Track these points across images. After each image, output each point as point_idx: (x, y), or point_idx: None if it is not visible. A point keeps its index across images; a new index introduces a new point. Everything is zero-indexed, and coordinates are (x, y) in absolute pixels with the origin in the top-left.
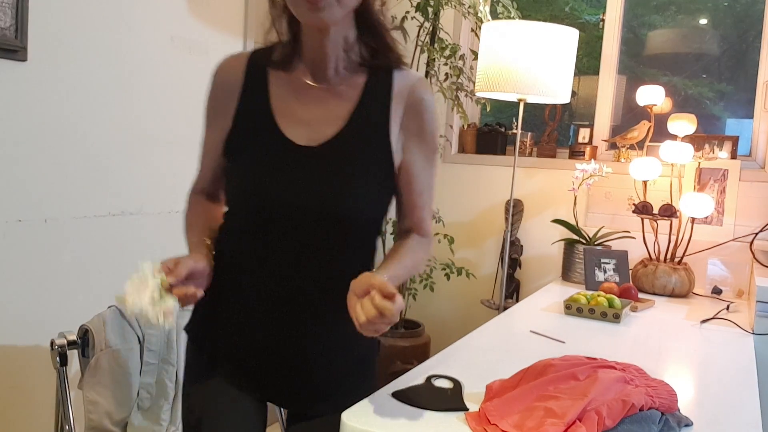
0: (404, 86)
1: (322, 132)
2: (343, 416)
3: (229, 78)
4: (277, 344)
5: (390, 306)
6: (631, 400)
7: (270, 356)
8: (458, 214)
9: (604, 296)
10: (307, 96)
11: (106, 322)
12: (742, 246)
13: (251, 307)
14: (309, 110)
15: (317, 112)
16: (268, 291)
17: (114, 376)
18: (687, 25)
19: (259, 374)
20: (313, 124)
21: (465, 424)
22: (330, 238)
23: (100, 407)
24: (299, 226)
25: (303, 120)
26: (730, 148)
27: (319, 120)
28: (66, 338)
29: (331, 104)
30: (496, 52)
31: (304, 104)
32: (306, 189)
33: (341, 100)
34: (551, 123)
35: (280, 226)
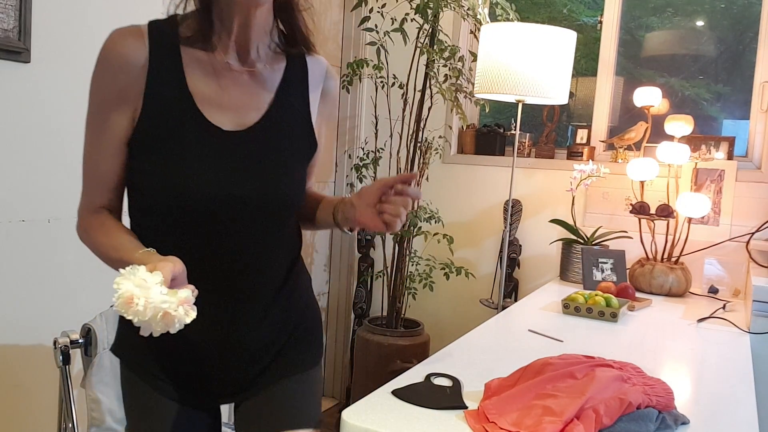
0: (318, 72)
1: (247, 117)
2: (344, 415)
3: (129, 54)
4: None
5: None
6: (628, 399)
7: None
8: (457, 214)
9: (602, 296)
10: (228, 78)
11: (109, 320)
12: (739, 246)
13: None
14: (231, 94)
15: (240, 95)
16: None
17: (116, 375)
18: (684, 26)
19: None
20: (238, 108)
21: (464, 422)
22: (266, 224)
23: (102, 405)
24: (235, 215)
25: (226, 104)
26: (727, 149)
27: (243, 104)
28: (69, 337)
29: (253, 88)
30: (495, 53)
31: (226, 88)
32: (240, 176)
33: (264, 84)
34: (549, 124)
35: (212, 217)
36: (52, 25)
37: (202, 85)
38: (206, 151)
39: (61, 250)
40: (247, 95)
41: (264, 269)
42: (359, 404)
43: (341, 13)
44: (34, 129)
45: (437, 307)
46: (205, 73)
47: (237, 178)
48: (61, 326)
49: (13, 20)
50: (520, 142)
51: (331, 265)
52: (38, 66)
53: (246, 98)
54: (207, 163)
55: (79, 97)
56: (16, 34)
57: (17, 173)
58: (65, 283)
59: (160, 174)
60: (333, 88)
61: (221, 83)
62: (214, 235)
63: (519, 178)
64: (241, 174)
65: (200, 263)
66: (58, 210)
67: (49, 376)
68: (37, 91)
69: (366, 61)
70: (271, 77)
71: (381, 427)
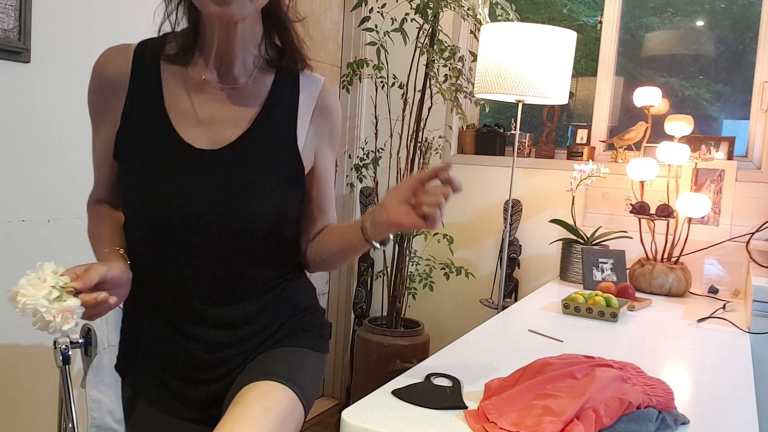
0: (312, 90)
1: (224, 134)
2: (344, 415)
3: (113, 72)
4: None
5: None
6: (628, 399)
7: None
8: (457, 214)
9: (602, 296)
10: (207, 95)
11: (109, 321)
12: (739, 246)
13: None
14: (209, 110)
15: (219, 112)
16: (182, 302)
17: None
18: (684, 26)
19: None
20: (214, 125)
21: (464, 422)
22: (236, 247)
23: (102, 406)
24: (201, 235)
25: (202, 121)
26: (727, 149)
27: (220, 121)
28: (69, 337)
29: (235, 105)
30: (495, 53)
31: (204, 104)
32: (206, 195)
33: (246, 101)
34: (549, 124)
35: (180, 235)
36: (52, 25)
37: (177, 101)
38: (174, 167)
39: (61, 250)
40: (225, 112)
41: (239, 295)
42: (359, 404)
43: (341, 13)
44: (34, 129)
45: (437, 307)
46: (184, 90)
47: (201, 194)
48: None
49: (13, 20)
50: (520, 142)
51: None
52: (38, 66)
53: (225, 115)
54: (172, 177)
55: (79, 97)
56: (15, 34)
57: (17, 173)
58: None
59: (128, 185)
60: (330, 107)
61: (199, 100)
62: (184, 252)
63: (519, 178)
64: (207, 191)
65: (171, 277)
66: (58, 210)
67: (49, 376)
68: (37, 91)
69: (366, 61)
70: (256, 93)
71: (381, 427)
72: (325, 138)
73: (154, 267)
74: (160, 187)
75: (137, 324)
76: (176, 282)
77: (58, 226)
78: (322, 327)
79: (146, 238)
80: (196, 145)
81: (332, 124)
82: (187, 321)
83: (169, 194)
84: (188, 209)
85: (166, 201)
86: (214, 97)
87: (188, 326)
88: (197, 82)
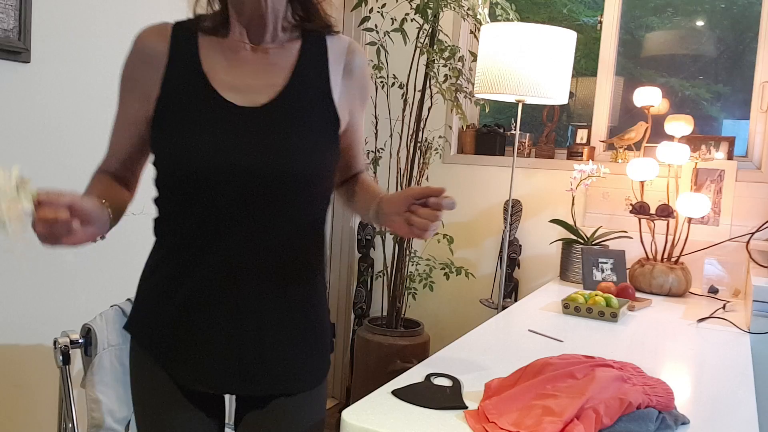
0: (340, 49)
1: (262, 94)
2: (344, 415)
3: (152, 45)
4: (230, 324)
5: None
6: (628, 399)
7: (224, 338)
8: (457, 214)
9: (602, 295)
10: (242, 60)
11: (109, 321)
12: (739, 246)
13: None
14: (246, 74)
15: (255, 75)
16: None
17: (116, 375)
18: (684, 26)
19: (212, 363)
20: (252, 87)
21: (464, 422)
22: (281, 202)
23: (102, 406)
24: (248, 191)
25: (240, 84)
26: (727, 149)
27: (257, 84)
28: (69, 337)
29: (269, 68)
30: (495, 53)
31: (240, 68)
32: (247, 149)
33: (279, 64)
34: (549, 124)
35: (227, 193)
36: (52, 25)
37: (217, 68)
38: (218, 125)
39: (61, 250)
40: (261, 75)
41: (283, 254)
42: (359, 404)
43: (341, 13)
44: (34, 129)
45: (437, 307)
46: (221, 57)
47: (245, 149)
48: (61, 326)
49: (13, 20)
50: (520, 142)
51: (331, 265)
52: (38, 66)
53: (261, 77)
54: (216, 134)
55: (79, 96)
56: (15, 34)
57: None
58: (65, 283)
59: (173, 146)
60: (358, 64)
61: (236, 65)
62: (228, 215)
63: (519, 178)
64: (248, 146)
65: (216, 239)
66: None
67: (49, 376)
68: (37, 91)
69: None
70: (287, 56)
71: (381, 427)
72: (356, 95)
73: (191, 229)
74: (202, 142)
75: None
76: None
77: None
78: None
79: (185, 199)
80: (237, 104)
81: (361, 81)
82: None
83: (211, 149)
84: (230, 163)
85: (208, 156)
86: (249, 61)
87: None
88: (232, 49)
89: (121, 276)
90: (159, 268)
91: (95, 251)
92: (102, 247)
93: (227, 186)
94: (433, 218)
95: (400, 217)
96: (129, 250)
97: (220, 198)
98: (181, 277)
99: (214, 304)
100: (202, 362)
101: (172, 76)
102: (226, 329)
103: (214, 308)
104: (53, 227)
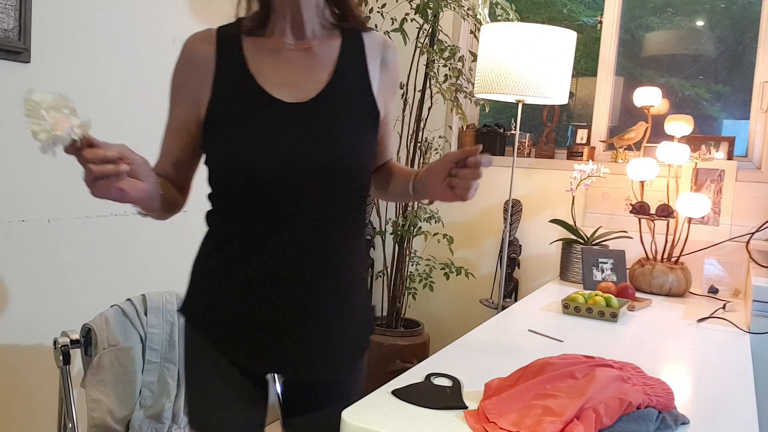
0: (375, 45)
1: (307, 90)
2: (344, 414)
3: (200, 51)
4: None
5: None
6: (628, 399)
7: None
8: (457, 214)
9: (602, 295)
10: (285, 58)
11: (109, 321)
12: (739, 246)
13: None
14: (291, 71)
15: (299, 72)
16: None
17: (116, 375)
18: (684, 26)
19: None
20: (297, 83)
21: (464, 422)
22: (330, 191)
23: (102, 405)
24: (300, 183)
25: (286, 81)
26: (727, 149)
27: (301, 79)
28: (69, 337)
29: (311, 64)
30: (495, 53)
31: (284, 65)
32: (301, 142)
33: (320, 59)
34: (549, 124)
35: (280, 186)
36: (52, 25)
37: (262, 66)
38: (268, 121)
39: (61, 250)
40: (305, 71)
41: (333, 241)
42: (359, 404)
43: None
44: None
45: (437, 307)
46: (265, 55)
47: (295, 143)
48: (61, 326)
49: (13, 20)
50: (520, 142)
51: None
52: (38, 66)
53: (305, 74)
54: (267, 131)
55: (79, 96)
56: (15, 34)
57: (17, 173)
58: (65, 283)
59: (227, 146)
60: (392, 59)
61: (280, 62)
62: (282, 206)
63: (519, 178)
64: (302, 142)
65: (273, 236)
66: (58, 210)
67: (49, 376)
68: None
69: None
70: (328, 53)
71: (381, 427)
72: (389, 88)
73: (247, 221)
74: (254, 139)
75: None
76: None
77: (58, 226)
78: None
79: (240, 194)
80: (285, 100)
81: (394, 75)
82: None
83: (264, 145)
84: (282, 157)
85: (261, 151)
86: (292, 59)
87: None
88: (276, 48)
89: (121, 276)
90: (214, 255)
91: (95, 251)
92: (102, 247)
93: (280, 179)
94: (474, 176)
95: (442, 183)
96: (129, 250)
97: (274, 191)
98: (236, 265)
99: (269, 290)
100: (253, 342)
101: (221, 79)
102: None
103: (268, 294)
104: (102, 167)
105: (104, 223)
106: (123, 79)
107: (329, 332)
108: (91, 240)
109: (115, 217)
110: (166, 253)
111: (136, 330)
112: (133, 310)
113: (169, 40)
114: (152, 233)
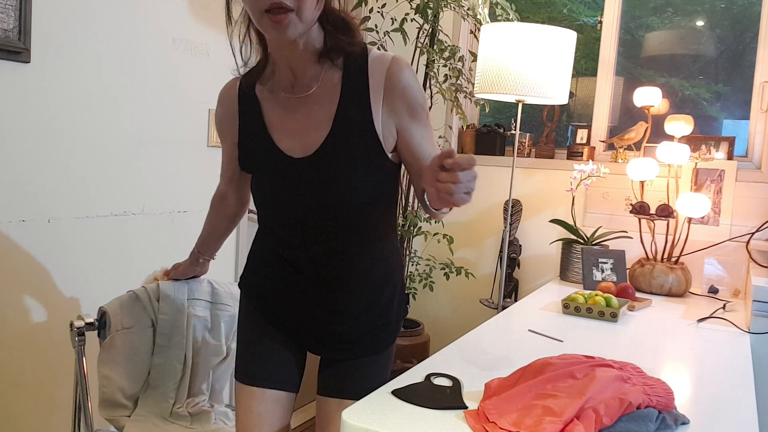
0: (379, 72)
1: (312, 139)
2: (343, 415)
3: (227, 103)
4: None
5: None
6: (628, 399)
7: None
8: (457, 214)
9: (602, 296)
10: (290, 107)
11: (123, 305)
12: (739, 246)
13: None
14: (296, 119)
15: (303, 119)
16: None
17: (127, 355)
18: (684, 26)
19: (296, 328)
20: (303, 132)
21: (464, 422)
22: (340, 224)
23: (113, 383)
24: (315, 219)
25: (293, 130)
26: (727, 149)
27: (306, 127)
28: (84, 320)
29: (314, 110)
30: (495, 53)
31: (290, 115)
32: (312, 190)
33: (322, 104)
34: (549, 124)
35: (294, 221)
36: (52, 25)
37: (274, 118)
38: (278, 173)
39: (61, 250)
40: (308, 119)
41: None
42: (359, 404)
43: None
44: (34, 129)
45: (437, 307)
46: (274, 104)
47: (308, 191)
48: (61, 326)
49: (13, 20)
50: (520, 142)
51: None
52: (38, 66)
53: (308, 121)
54: (277, 181)
55: (78, 97)
56: (15, 34)
57: (17, 173)
58: (65, 283)
59: (254, 185)
60: (398, 83)
61: (286, 113)
62: (304, 231)
63: (519, 178)
64: (311, 188)
65: (299, 249)
66: (58, 210)
67: (49, 376)
68: (37, 91)
69: None
70: (329, 94)
71: (381, 427)
72: (403, 113)
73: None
74: (266, 186)
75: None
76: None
77: (58, 226)
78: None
79: (270, 216)
80: (294, 155)
81: (406, 98)
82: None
83: (275, 192)
84: (290, 202)
85: (272, 196)
86: (295, 107)
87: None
88: (281, 98)
89: (122, 276)
90: (260, 246)
91: (95, 251)
92: (102, 248)
93: (296, 215)
94: (452, 180)
95: (431, 189)
96: (128, 251)
97: (294, 222)
98: (274, 258)
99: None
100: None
101: (243, 128)
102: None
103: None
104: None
105: (104, 223)
106: (123, 79)
107: (349, 327)
108: (91, 240)
109: (115, 217)
110: (166, 253)
111: (148, 315)
112: (147, 296)
113: (169, 40)
114: (152, 233)
